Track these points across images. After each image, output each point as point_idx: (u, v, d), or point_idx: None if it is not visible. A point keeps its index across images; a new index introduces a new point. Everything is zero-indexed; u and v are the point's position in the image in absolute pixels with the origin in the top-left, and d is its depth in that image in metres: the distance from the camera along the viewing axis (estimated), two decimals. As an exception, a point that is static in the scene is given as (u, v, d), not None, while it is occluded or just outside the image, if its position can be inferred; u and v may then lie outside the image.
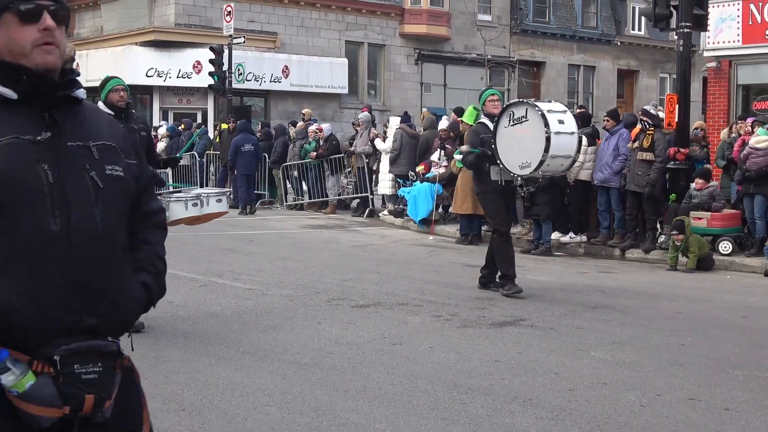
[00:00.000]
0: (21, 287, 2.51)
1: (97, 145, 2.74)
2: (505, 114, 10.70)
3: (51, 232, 2.56)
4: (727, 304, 10.63)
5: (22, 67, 2.63)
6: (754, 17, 19.85)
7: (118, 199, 2.75)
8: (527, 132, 10.46)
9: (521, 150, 10.48)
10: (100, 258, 2.65)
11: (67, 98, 2.76)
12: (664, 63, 42.80)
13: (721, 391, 6.69)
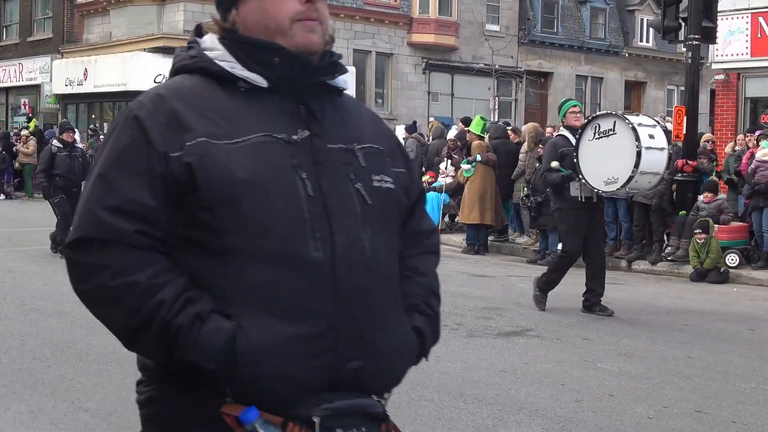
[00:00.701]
0: (273, 329, 1.99)
1: (363, 149, 2.21)
2: (590, 126, 10.12)
3: (312, 259, 2.02)
4: (734, 317, 10.61)
5: (277, 47, 2.12)
6: (762, 30, 19.87)
7: (388, 218, 2.21)
8: (615, 146, 9.91)
9: (607, 165, 9.87)
10: (368, 293, 2.10)
11: (326, 87, 2.24)
12: (672, 75, 42.77)
13: (728, 404, 6.67)
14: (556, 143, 10.54)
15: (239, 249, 2.00)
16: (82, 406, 6.20)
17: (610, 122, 10.06)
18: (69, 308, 9.72)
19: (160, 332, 1.97)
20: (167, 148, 2.01)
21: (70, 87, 35.35)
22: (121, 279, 1.97)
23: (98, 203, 2.01)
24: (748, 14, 20.11)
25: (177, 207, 2.02)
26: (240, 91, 2.12)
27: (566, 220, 10.40)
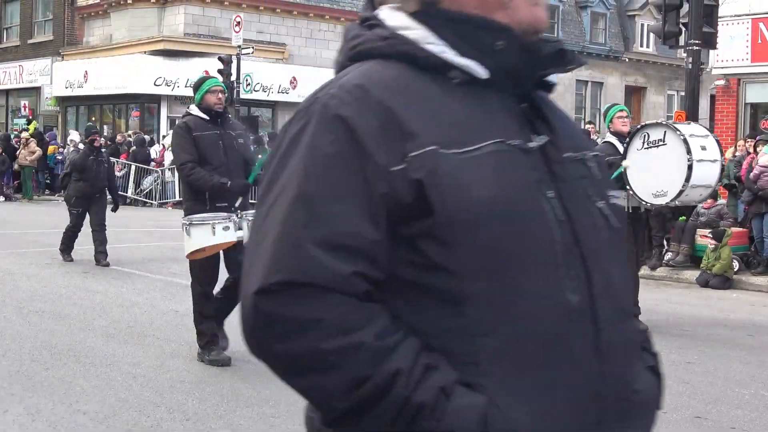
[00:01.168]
0: (527, 397, 1.52)
1: (593, 157, 1.77)
2: (639, 135, 9.60)
3: (569, 306, 1.56)
4: (734, 323, 10.60)
5: (501, 26, 1.64)
6: (763, 36, 19.88)
7: (623, 243, 1.76)
8: (665, 157, 9.42)
9: (656, 177, 9.43)
10: (629, 342, 1.70)
11: (540, 80, 1.76)
12: (672, 80, 42.79)
13: (727, 410, 6.66)
14: (602, 150, 9.81)
15: (484, 296, 1.51)
16: (81, 409, 6.19)
17: (660, 132, 9.57)
18: (68, 311, 9.73)
19: (394, 411, 1.49)
20: (388, 161, 1.52)
21: (70, 89, 35.36)
22: (341, 340, 1.48)
23: (305, 235, 1.51)
24: (749, 20, 20.12)
25: (397, 240, 1.54)
26: (453, 84, 1.62)
27: None
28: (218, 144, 7.60)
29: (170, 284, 11.81)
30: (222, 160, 7.57)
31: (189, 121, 7.68)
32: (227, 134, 7.71)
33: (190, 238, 7.31)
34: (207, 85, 7.75)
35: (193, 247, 7.34)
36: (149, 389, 6.75)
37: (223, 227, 7.29)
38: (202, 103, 7.70)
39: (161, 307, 10.19)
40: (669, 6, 15.80)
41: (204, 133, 7.58)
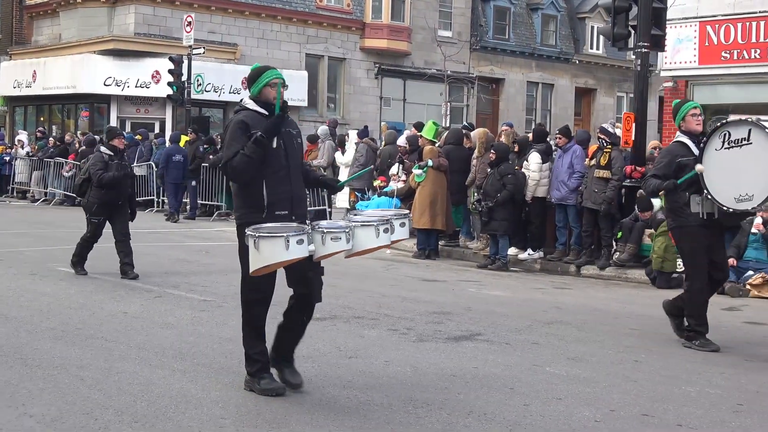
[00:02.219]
0: None
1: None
2: (718, 134, 8.80)
3: None
4: (681, 322, 10.70)
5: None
6: (710, 39, 20.14)
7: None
8: (750, 158, 8.67)
9: (739, 180, 8.71)
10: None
11: None
12: (621, 82, 43.26)
13: (674, 407, 6.73)
14: (673, 150, 9.21)
15: None
16: (27, 412, 6.11)
17: (743, 130, 8.73)
18: (15, 313, 9.61)
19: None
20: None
21: (19, 89, 34.96)
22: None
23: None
24: (696, 23, 20.38)
25: None
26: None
27: (687, 241, 9.14)
28: (279, 144, 6.71)
29: (119, 286, 11.72)
30: (282, 162, 6.72)
31: (246, 117, 6.74)
32: (287, 133, 6.83)
33: (259, 253, 6.28)
34: (266, 77, 6.84)
35: (261, 263, 6.34)
36: (97, 392, 6.68)
37: (297, 240, 6.30)
38: (259, 97, 6.82)
39: (110, 309, 10.10)
40: (618, 8, 15.93)
41: None
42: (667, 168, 8.98)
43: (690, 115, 9.11)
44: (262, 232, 6.30)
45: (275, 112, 6.73)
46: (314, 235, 6.40)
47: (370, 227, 6.62)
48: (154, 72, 31.31)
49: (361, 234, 6.60)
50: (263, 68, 6.98)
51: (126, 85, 31.75)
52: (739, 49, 19.69)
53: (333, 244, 6.44)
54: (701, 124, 9.15)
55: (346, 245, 6.49)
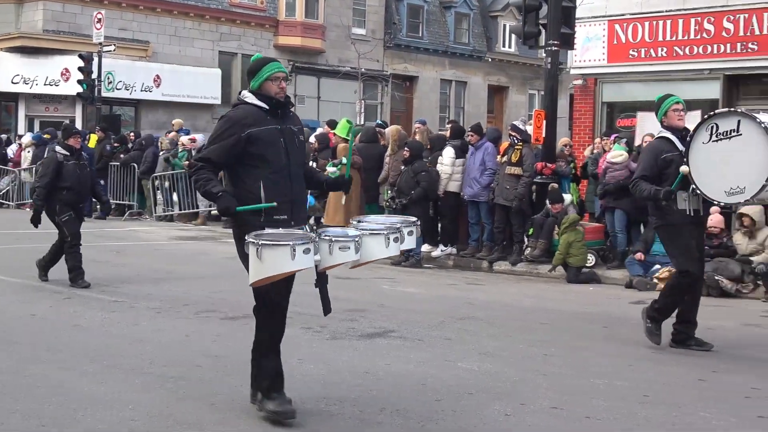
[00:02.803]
0: None
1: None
2: (705, 127, 8.61)
3: None
4: (590, 316, 10.91)
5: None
6: (618, 37, 20.48)
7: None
8: (739, 150, 8.44)
9: (729, 172, 8.49)
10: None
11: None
12: (533, 80, 43.78)
13: (583, 400, 6.85)
14: (656, 147, 9.01)
15: None
16: (-70, 418, 5.97)
17: (732, 121, 8.53)
18: None
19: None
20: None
21: None
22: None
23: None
24: (605, 21, 20.70)
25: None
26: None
27: (676, 239, 8.88)
28: (279, 141, 6.21)
29: (27, 288, 11.50)
30: (283, 161, 6.19)
31: (240, 113, 6.24)
32: (288, 129, 6.32)
33: (262, 263, 5.71)
34: (268, 70, 6.30)
35: (263, 274, 5.77)
36: (4, 395, 6.56)
37: (303, 249, 5.73)
38: (260, 91, 6.29)
39: (17, 311, 9.91)
40: (528, 7, 16.15)
41: (262, 128, 6.16)
42: (653, 166, 8.81)
43: (672, 110, 8.95)
44: (265, 240, 5.70)
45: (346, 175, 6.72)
46: (321, 243, 5.89)
47: (380, 236, 6.13)
48: (64, 70, 30.76)
49: (371, 243, 6.10)
50: (265, 60, 6.43)
51: (34, 82, 31.14)
52: (647, 48, 20.06)
53: (341, 254, 5.97)
54: (683, 119, 9.00)
55: (354, 255, 6.01)
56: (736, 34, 18.77)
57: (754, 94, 19.41)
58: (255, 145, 6.11)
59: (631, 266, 13.62)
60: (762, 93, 19.19)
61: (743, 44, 18.70)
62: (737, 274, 12.68)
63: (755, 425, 6.35)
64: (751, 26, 18.58)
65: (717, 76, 19.23)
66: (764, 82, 18.80)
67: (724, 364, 8.29)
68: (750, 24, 18.60)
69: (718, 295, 12.48)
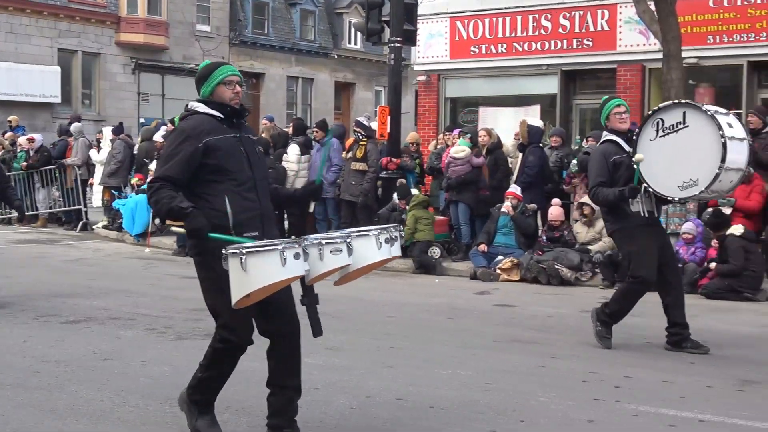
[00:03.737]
0: None
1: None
2: (650, 123, 8.45)
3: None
4: (436, 307, 11.08)
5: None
6: (460, 34, 20.88)
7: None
8: (688, 141, 8.27)
9: (680, 166, 8.29)
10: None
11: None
12: (379, 76, 44.08)
13: (428, 390, 6.96)
14: (605, 151, 8.67)
15: None
16: None
17: (677, 114, 8.34)
18: None
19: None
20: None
21: None
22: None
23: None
24: (447, 18, 21.08)
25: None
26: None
27: (633, 242, 8.58)
28: (240, 151, 5.58)
29: None
30: (247, 174, 5.56)
31: (192, 123, 5.58)
32: (247, 139, 5.72)
33: (247, 275, 5.02)
34: (220, 74, 5.68)
35: (250, 287, 5.08)
36: None
37: (294, 254, 5.11)
38: (212, 98, 5.67)
39: None
40: (371, 4, 16.29)
41: (220, 136, 5.52)
42: (606, 170, 8.52)
43: (613, 114, 8.69)
44: (249, 248, 5.04)
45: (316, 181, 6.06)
46: (310, 248, 5.27)
47: (369, 237, 5.53)
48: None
49: (361, 246, 5.49)
50: (215, 64, 5.84)
51: None
52: (487, 44, 20.52)
53: (333, 258, 5.34)
54: (626, 122, 8.70)
55: (347, 259, 5.40)
56: (572, 31, 19.40)
57: (590, 88, 20.12)
58: (213, 157, 5.45)
59: (475, 258, 13.90)
60: (598, 87, 19.89)
61: (579, 40, 19.34)
62: (576, 263, 13.09)
63: (592, 407, 6.57)
64: (587, 23, 19.24)
65: (555, 72, 19.84)
66: (599, 77, 19.50)
67: (562, 350, 8.55)
68: (585, 21, 19.25)
69: (558, 284, 12.87)
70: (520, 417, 6.29)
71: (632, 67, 18.80)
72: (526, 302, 11.54)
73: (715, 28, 17.87)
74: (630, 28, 18.65)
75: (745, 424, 6.15)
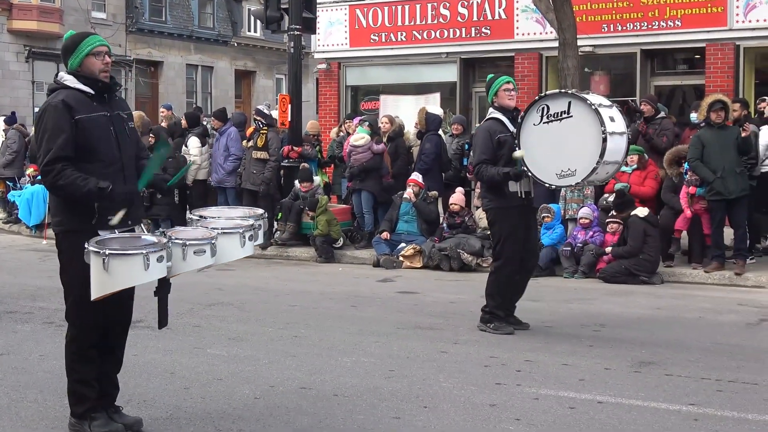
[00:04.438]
0: None
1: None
2: (535, 108, 8.49)
3: None
4: (339, 295, 11.09)
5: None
6: (360, 22, 20.89)
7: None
8: (570, 132, 8.35)
9: (560, 154, 8.39)
10: None
11: None
12: (280, 64, 43.82)
13: (331, 378, 6.98)
14: (490, 128, 8.70)
15: None
16: None
17: (563, 103, 8.41)
18: None
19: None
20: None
21: None
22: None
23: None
24: (347, 6, 21.08)
25: None
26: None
27: (505, 221, 8.69)
28: (109, 130, 5.39)
29: None
30: (115, 154, 5.41)
31: (68, 98, 5.31)
32: (117, 116, 5.50)
33: (109, 275, 4.98)
34: (87, 44, 5.41)
35: (112, 288, 5.08)
36: None
37: (157, 257, 5.07)
38: (80, 71, 5.40)
39: None
40: (270, -9, 16.16)
41: (90, 114, 5.32)
42: (491, 147, 8.58)
43: (503, 90, 8.72)
44: (111, 249, 4.97)
45: (140, 184, 5.62)
46: (173, 248, 5.22)
47: (234, 235, 5.53)
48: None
49: (226, 244, 5.47)
50: (82, 35, 5.54)
51: None
52: (387, 32, 20.58)
53: (196, 258, 5.30)
54: (513, 99, 8.78)
55: (210, 260, 5.36)
56: (471, 19, 19.58)
57: (489, 76, 20.26)
58: (82, 136, 5.26)
59: (378, 245, 13.96)
60: (496, 75, 20.06)
61: (477, 29, 19.53)
62: (478, 249, 13.23)
63: (494, 391, 6.67)
64: (484, 11, 19.44)
65: (454, 60, 20.01)
66: (498, 65, 19.70)
67: (464, 336, 8.65)
68: (483, 9, 19.45)
69: (459, 269, 12.99)
70: (423, 403, 6.35)
71: (529, 56, 19.07)
72: (428, 289, 11.63)
73: (610, 17, 18.23)
74: (527, 17, 18.91)
75: (642, 404, 6.32)
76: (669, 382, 6.95)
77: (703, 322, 8.44)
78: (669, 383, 6.91)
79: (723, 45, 17.36)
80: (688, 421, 5.93)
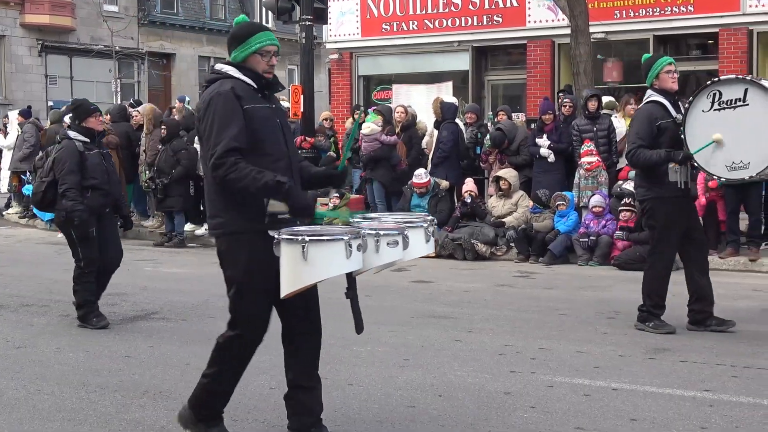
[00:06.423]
0: None
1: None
2: (706, 93, 7.83)
3: None
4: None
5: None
6: (371, 11, 20.87)
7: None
8: (746, 121, 7.67)
9: (732, 145, 7.70)
10: None
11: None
12: (292, 55, 43.77)
13: (346, 368, 7.01)
14: (650, 112, 8.09)
15: None
16: None
17: (738, 90, 7.71)
18: None
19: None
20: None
21: None
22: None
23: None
24: (358, -4, 21.06)
25: None
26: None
27: (663, 213, 8.10)
28: (275, 123, 5.01)
29: None
30: (283, 149, 5.00)
31: (236, 87, 4.90)
32: (280, 110, 5.18)
33: (308, 265, 4.57)
34: (257, 41, 4.99)
35: (311, 280, 4.74)
36: None
37: (357, 245, 4.63)
38: (244, 64, 5.00)
39: None
40: (282, -18, 16.18)
41: (257, 105, 4.93)
42: (649, 132, 7.98)
43: (665, 72, 8.08)
44: (312, 235, 4.54)
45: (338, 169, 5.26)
46: (367, 239, 4.72)
47: (419, 229, 5.01)
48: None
49: (413, 238, 4.95)
50: (253, 27, 5.10)
51: None
52: (398, 21, 20.55)
53: (389, 251, 4.79)
54: (677, 82, 8.17)
55: (400, 253, 4.87)
56: (482, 7, 19.53)
57: (501, 64, 20.31)
58: (251, 128, 4.84)
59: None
60: (509, 63, 20.10)
61: (489, 17, 19.48)
62: (491, 238, 13.23)
63: (508, 379, 6.67)
64: (496, -1, 19.37)
65: (466, 48, 19.97)
66: (510, 53, 19.68)
67: (478, 324, 8.66)
68: (494, -3, 19.39)
69: (473, 259, 12.99)
70: (438, 392, 6.36)
71: (542, 43, 19.02)
72: (442, 278, 11.64)
73: (622, 3, 18.16)
74: (539, 4, 18.85)
75: (657, 391, 6.31)
76: (684, 368, 6.95)
77: (717, 308, 8.41)
78: (684, 369, 6.90)
79: (736, 30, 17.29)
80: (703, 407, 5.93)
